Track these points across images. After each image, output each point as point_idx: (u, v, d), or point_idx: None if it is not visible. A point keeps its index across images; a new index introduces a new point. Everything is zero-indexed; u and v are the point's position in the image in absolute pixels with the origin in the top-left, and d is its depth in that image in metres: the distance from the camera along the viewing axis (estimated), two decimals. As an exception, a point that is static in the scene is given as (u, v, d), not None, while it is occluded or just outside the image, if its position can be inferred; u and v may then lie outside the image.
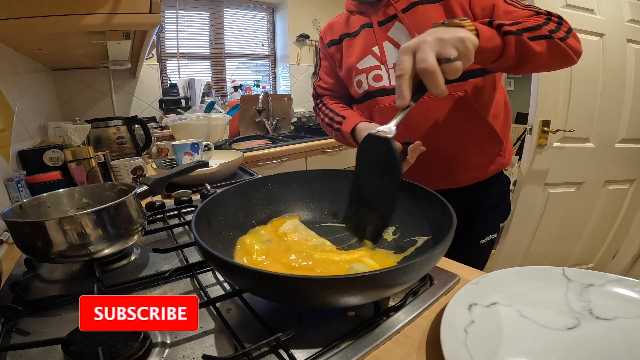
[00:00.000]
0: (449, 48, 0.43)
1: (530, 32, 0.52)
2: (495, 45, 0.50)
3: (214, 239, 0.45)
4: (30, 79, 1.17)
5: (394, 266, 0.30)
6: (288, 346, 0.33)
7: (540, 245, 1.60)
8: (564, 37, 0.55)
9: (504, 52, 0.51)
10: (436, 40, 0.43)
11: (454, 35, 0.44)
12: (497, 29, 0.51)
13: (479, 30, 0.48)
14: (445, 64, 0.43)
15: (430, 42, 0.43)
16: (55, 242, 0.44)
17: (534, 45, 0.52)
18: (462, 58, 0.44)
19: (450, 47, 0.43)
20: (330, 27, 0.83)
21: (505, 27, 0.51)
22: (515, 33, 0.51)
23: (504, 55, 0.51)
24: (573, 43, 0.56)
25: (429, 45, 0.43)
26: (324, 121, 0.83)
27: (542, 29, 0.54)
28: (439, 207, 0.43)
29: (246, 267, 0.37)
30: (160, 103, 1.94)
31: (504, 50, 0.51)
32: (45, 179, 0.85)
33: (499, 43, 0.50)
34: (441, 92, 0.43)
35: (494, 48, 0.50)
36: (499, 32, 0.51)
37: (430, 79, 0.43)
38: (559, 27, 0.55)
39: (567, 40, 0.55)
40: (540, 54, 0.53)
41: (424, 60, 0.42)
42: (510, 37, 0.50)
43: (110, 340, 0.32)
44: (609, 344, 0.32)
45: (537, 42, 0.52)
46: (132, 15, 0.78)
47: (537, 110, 1.40)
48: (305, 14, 2.42)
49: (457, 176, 0.74)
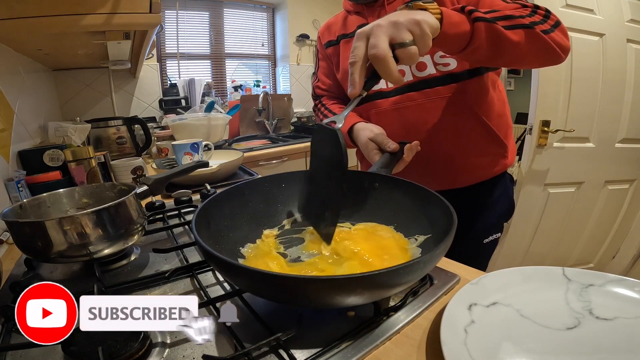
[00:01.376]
0: (402, 32, 0.40)
1: (507, 21, 0.49)
2: (462, 31, 0.47)
3: (214, 239, 0.45)
4: (30, 79, 1.17)
5: (395, 266, 0.30)
6: (288, 346, 0.33)
7: (540, 245, 1.60)
8: (548, 30, 0.52)
9: (472, 40, 0.48)
10: (390, 24, 0.41)
11: (409, 17, 0.41)
12: (467, 14, 0.48)
13: (444, 15, 0.45)
14: (399, 49, 0.40)
15: (383, 26, 0.41)
16: (55, 242, 0.44)
17: (509, 34, 0.49)
18: (418, 42, 0.41)
19: (404, 30, 0.40)
20: (328, 27, 0.82)
21: (476, 13, 0.47)
22: (487, 20, 0.47)
23: (473, 43, 0.48)
24: (559, 37, 0.53)
25: (381, 29, 0.40)
26: (322, 121, 0.83)
27: (524, 19, 0.50)
28: (439, 206, 0.42)
29: (246, 267, 0.37)
30: (160, 103, 1.94)
31: (473, 37, 0.48)
32: (45, 179, 0.85)
33: (467, 29, 0.47)
34: (394, 80, 0.41)
35: (460, 34, 0.47)
36: (469, 18, 0.48)
37: (381, 65, 0.40)
38: (545, 20, 0.53)
39: (552, 33, 0.52)
40: (518, 44, 0.50)
41: (375, 46, 0.40)
42: (480, 24, 0.47)
43: (110, 340, 0.32)
44: (609, 344, 0.32)
45: (513, 31, 0.49)
46: (132, 15, 0.78)
47: (537, 110, 1.40)
48: (305, 14, 2.42)
49: (458, 177, 0.73)
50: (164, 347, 0.35)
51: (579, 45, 1.34)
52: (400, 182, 0.51)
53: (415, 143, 0.60)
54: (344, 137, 0.44)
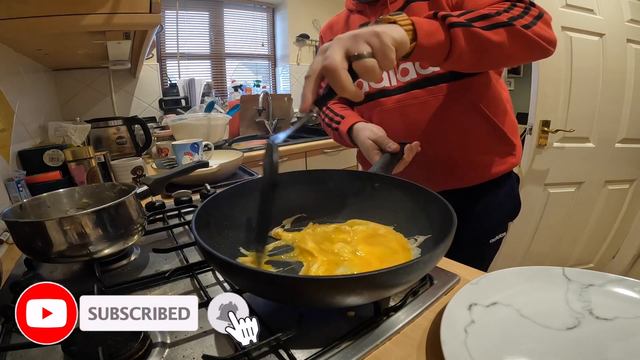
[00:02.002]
0: (359, 44, 0.38)
1: (483, 21, 0.47)
2: (438, 41, 0.45)
3: (214, 239, 0.45)
4: (30, 79, 1.17)
5: (395, 266, 0.30)
6: (288, 346, 0.33)
7: (540, 245, 1.61)
8: (528, 24, 0.49)
9: (452, 48, 0.46)
10: (349, 37, 0.39)
11: (370, 30, 0.39)
12: (441, 20, 0.45)
13: (416, 25, 0.43)
14: (355, 61, 0.38)
15: (343, 39, 0.39)
16: (55, 242, 0.44)
17: (489, 35, 0.47)
18: (377, 55, 0.38)
19: (361, 43, 0.38)
20: (330, 27, 0.82)
21: (450, 18, 0.45)
22: (463, 25, 0.45)
23: (454, 51, 0.46)
24: (542, 30, 0.50)
25: (339, 42, 0.39)
26: (324, 121, 0.83)
27: (501, 15, 0.48)
28: (439, 207, 0.42)
29: (246, 267, 0.37)
30: (160, 103, 1.94)
31: (452, 45, 0.46)
32: (45, 179, 0.85)
33: (442, 38, 0.45)
34: (350, 94, 0.38)
35: (437, 44, 0.45)
36: (442, 25, 0.45)
37: (331, 77, 0.38)
38: (525, 12, 0.50)
39: (534, 27, 0.49)
40: (501, 44, 0.48)
41: (326, 58, 0.38)
42: (457, 30, 0.45)
43: (110, 340, 0.32)
44: (609, 344, 0.32)
45: (493, 31, 0.47)
46: (132, 15, 0.78)
47: (537, 110, 1.40)
48: (305, 14, 2.42)
49: (464, 175, 0.72)
50: (164, 347, 0.35)
51: (579, 45, 1.34)
52: (400, 182, 0.51)
53: (415, 143, 0.60)
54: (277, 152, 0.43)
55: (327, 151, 1.88)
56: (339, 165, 1.93)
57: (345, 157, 1.96)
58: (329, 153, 1.89)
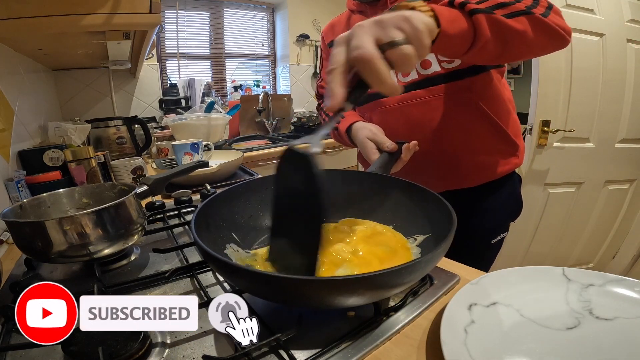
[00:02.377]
0: (390, 30, 0.34)
1: (503, 9, 0.45)
2: (462, 28, 0.42)
3: (214, 240, 0.45)
4: (30, 79, 1.17)
5: (395, 266, 0.30)
6: (288, 346, 0.33)
7: (540, 245, 1.61)
8: (544, 13, 0.48)
9: (477, 36, 0.43)
10: (373, 23, 0.34)
11: (395, 14, 0.35)
12: (460, 8, 0.42)
13: (436, 12, 0.39)
14: (389, 50, 0.33)
15: (366, 25, 0.34)
16: (55, 242, 0.44)
17: (513, 23, 0.44)
18: (412, 40, 0.34)
19: (391, 28, 0.34)
20: (332, 27, 0.82)
21: (469, 4, 0.42)
22: (484, 11, 0.42)
23: (479, 39, 0.43)
24: (557, 20, 0.49)
25: (364, 29, 0.34)
26: (324, 120, 0.83)
27: (518, 4, 0.46)
28: (439, 207, 0.42)
29: (244, 267, 0.37)
30: (160, 103, 1.94)
31: (477, 33, 0.43)
32: (45, 179, 0.85)
33: (466, 26, 0.42)
34: (389, 89, 0.34)
35: (462, 32, 0.42)
36: (462, 12, 0.42)
37: (367, 69, 0.33)
38: (536, 3, 0.49)
39: (550, 16, 0.48)
40: (524, 32, 0.46)
41: (357, 47, 0.33)
42: (479, 17, 0.42)
43: (110, 340, 0.32)
44: (609, 344, 0.32)
45: (515, 19, 0.45)
46: (132, 15, 0.78)
47: (537, 110, 1.40)
48: (305, 14, 2.42)
49: (467, 176, 0.71)
50: (164, 347, 0.35)
51: (579, 45, 1.34)
52: (400, 182, 0.51)
53: (413, 143, 0.59)
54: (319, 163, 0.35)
55: (327, 151, 1.88)
56: (339, 165, 1.93)
57: (345, 157, 1.96)
58: (329, 153, 1.89)
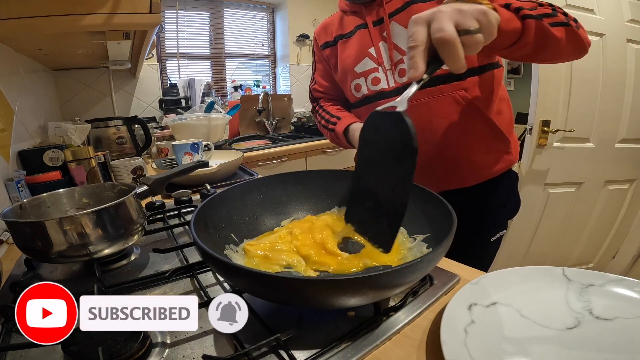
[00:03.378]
0: (469, 19, 0.39)
1: (549, 18, 0.51)
2: (515, 28, 0.48)
3: (214, 240, 0.45)
4: (30, 79, 1.17)
5: (396, 266, 0.30)
6: (288, 346, 0.33)
7: (540, 245, 1.61)
8: (577, 25, 0.54)
9: (522, 37, 0.49)
10: (455, 11, 0.39)
11: (474, 7, 0.40)
12: (515, 12, 0.49)
13: (498, 11, 0.45)
14: (464, 35, 0.39)
15: (447, 12, 0.39)
16: (55, 242, 0.44)
17: (554, 31, 0.51)
18: (484, 31, 0.40)
19: (470, 18, 0.39)
20: (324, 28, 0.81)
21: (524, 10, 0.49)
22: (535, 17, 0.49)
23: (523, 40, 0.50)
24: (584, 33, 0.56)
25: (446, 14, 0.39)
26: (320, 123, 0.83)
27: (560, 15, 0.52)
28: (438, 207, 0.42)
29: (244, 268, 0.37)
30: (160, 103, 1.94)
31: (523, 34, 0.49)
32: (45, 179, 0.85)
33: (519, 26, 0.48)
34: (460, 67, 0.39)
35: (513, 31, 0.48)
36: (517, 16, 0.49)
37: (448, 50, 0.38)
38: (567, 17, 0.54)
39: (580, 29, 0.55)
40: (560, 40, 0.52)
41: (441, 30, 0.38)
42: (530, 21, 0.49)
43: (110, 340, 0.32)
44: (609, 344, 0.32)
45: (556, 28, 0.51)
46: (132, 15, 0.78)
47: (537, 110, 1.40)
48: (305, 14, 2.42)
49: (464, 176, 0.72)
50: (164, 347, 0.35)
51: (579, 45, 1.33)
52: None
53: None
54: (410, 119, 0.40)
55: (327, 151, 1.88)
56: (338, 165, 1.93)
57: (345, 157, 1.96)
58: (329, 153, 1.89)
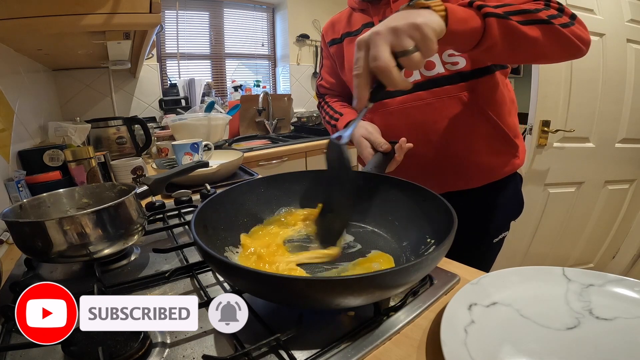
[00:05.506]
0: (403, 39, 0.39)
1: (521, 16, 0.48)
2: (471, 27, 0.46)
3: (214, 240, 0.45)
4: (30, 79, 1.17)
5: (396, 267, 0.30)
6: (288, 346, 0.33)
7: (540, 245, 1.60)
8: (567, 23, 0.51)
9: (485, 36, 0.47)
10: (389, 31, 0.39)
11: (409, 21, 0.39)
12: (476, 10, 0.46)
13: (449, 12, 0.44)
14: (402, 57, 0.39)
15: (382, 34, 0.40)
16: (55, 242, 0.44)
17: (526, 29, 0.48)
18: (421, 48, 0.40)
19: (404, 37, 0.39)
20: (332, 25, 0.81)
21: (486, 8, 0.46)
22: (499, 16, 0.46)
23: (486, 39, 0.47)
24: (579, 30, 0.52)
25: (380, 37, 0.39)
26: (324, 118, 0.84)
27: (539, 13, 0.49)
28: (439, 207, 0.42)
29: (244, 268, 0.37)
30: (160, 103, 1.94)
31: (485, 34, 0.47)
32: (45, 179, 0.84)
33: (477, 25, 0.46)
34: (402, 87, 0.41)
35: (470, 31, 0.46)
36: (478, 14, 0.46)
37: (384, 77, 0.40)
38: (560, 13, 0.51)
39: (572, 27, 0.51)
40: (536, 40, 0.49)
41: (375, 58, 0.39)
42: (491, 20, 0.46)
43: (110, 340, 0.32)
44: (609, 344, 0.32)
45: (529, 27, 0.48)
46: (132, 15, 0.78)
47: (537, 110, 1.40)
48: (305, 14, 2.42)
49: (469, 177, 0.71)
50: (164, 347, 0.35)
51: (579, 45, 1.33)
52: (400, 182, 0.51)
53: (402, 140, 0.60)
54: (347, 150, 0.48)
55: (325, 151, 1.87)
56: (339, 165, 1.93)
57: (345, 157, 1.95)
58: (328, 153, 1.89)
